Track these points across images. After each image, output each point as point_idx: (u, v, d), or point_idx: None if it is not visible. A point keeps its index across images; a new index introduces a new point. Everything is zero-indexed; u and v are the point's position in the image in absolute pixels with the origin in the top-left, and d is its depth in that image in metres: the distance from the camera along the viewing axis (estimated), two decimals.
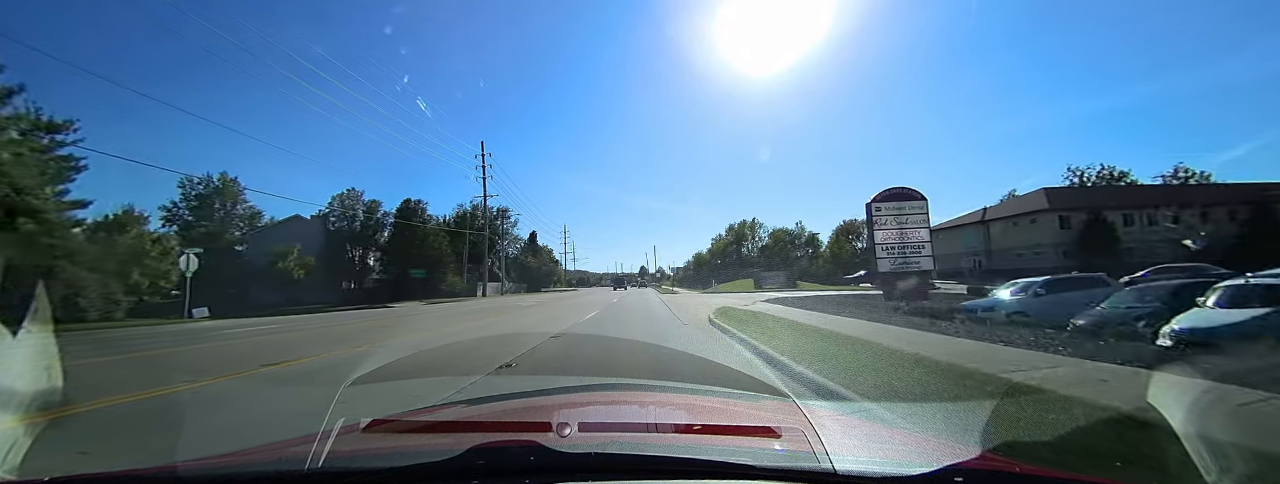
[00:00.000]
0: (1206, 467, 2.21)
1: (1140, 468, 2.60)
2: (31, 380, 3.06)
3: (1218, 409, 3.38)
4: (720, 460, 0.94)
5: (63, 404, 4.49)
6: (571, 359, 7.51)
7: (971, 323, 10.43)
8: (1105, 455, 2.83)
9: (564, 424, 1.25)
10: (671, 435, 1.39)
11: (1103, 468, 2.64)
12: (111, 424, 4.32)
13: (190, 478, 1.02)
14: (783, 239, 77.27)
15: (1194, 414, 2.84)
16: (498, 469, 0.95)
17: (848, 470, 0.91)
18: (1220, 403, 3.56)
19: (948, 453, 1.17)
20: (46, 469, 1.11)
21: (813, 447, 1.06)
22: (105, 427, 4.25)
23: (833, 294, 25.24)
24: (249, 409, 4.76)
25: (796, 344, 7.60)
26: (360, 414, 1.52)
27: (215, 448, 1.41)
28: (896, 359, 5.92)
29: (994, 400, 3.96)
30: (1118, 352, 6.05)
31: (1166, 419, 2.78)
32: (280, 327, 15.94)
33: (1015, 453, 2.72)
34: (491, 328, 13.18)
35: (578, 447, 1.05)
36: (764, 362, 6.85)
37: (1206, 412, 3.01)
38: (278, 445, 1.34)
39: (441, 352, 8.80)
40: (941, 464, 0.94)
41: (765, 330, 9.60)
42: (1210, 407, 3.29)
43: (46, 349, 3.90)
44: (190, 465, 1.11)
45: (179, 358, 9.02)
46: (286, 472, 1.02)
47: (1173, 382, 4.24)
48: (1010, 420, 3.43)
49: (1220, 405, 3.50)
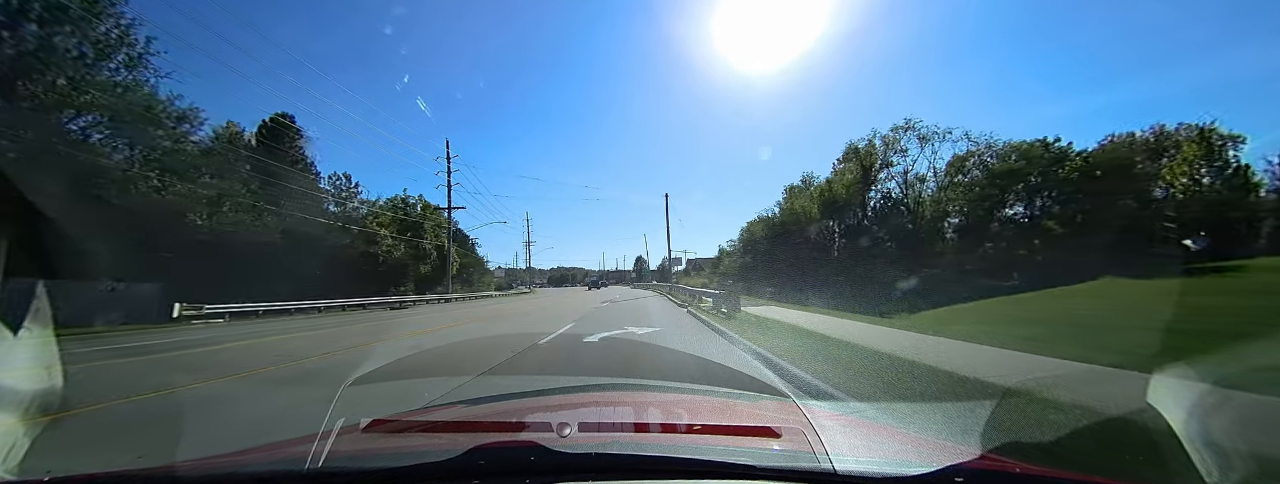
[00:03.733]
0: (1207, 467, 2.20)
1: (1140, 467, 2.60)
2: (32, 380, 3.06)
3: (1219, 410, 3.38)
4: (720, 460, 0.94)
5: (62, 404, 4.48)
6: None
7: None
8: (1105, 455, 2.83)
9: (564, 424, 1.25)
10: (671, 435, 1.38)
11: (1103, 467, 2.64)
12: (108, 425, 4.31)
13: (190, 478, 1.02)
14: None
15: (1195, 415, 2.83)
16: (498, 469, 0.95)
17: (848, 470, 0.91)
18: (1222, 404, 3.56)
19: (948, 453, 1.17)
20: (46, 469, 1.10)
21: (813, 447, 1.06)
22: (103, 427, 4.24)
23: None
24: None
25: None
26: (359, 414, 1.51)
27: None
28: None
29: (994, 400, 3.96)
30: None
31: (1166, 419, 2.78)
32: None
33: (1016, 453, 2.72)
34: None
35: (577, 447, 1.05)
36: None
37: (1208, 413, 3.01)
38: (278, 445, 1.34)
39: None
40: (941, 464, 0.94)
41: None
42: (1212, 408, 3.29)
43: (47, 349, 3.90)
44: (190, 465, 1.11)
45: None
46: (286, 472, 1.02)
47: (1172, 382, 4.23)
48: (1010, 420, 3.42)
49: (1222, 407, 3.49)
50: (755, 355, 7.02)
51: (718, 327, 10.67)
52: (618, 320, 13.18)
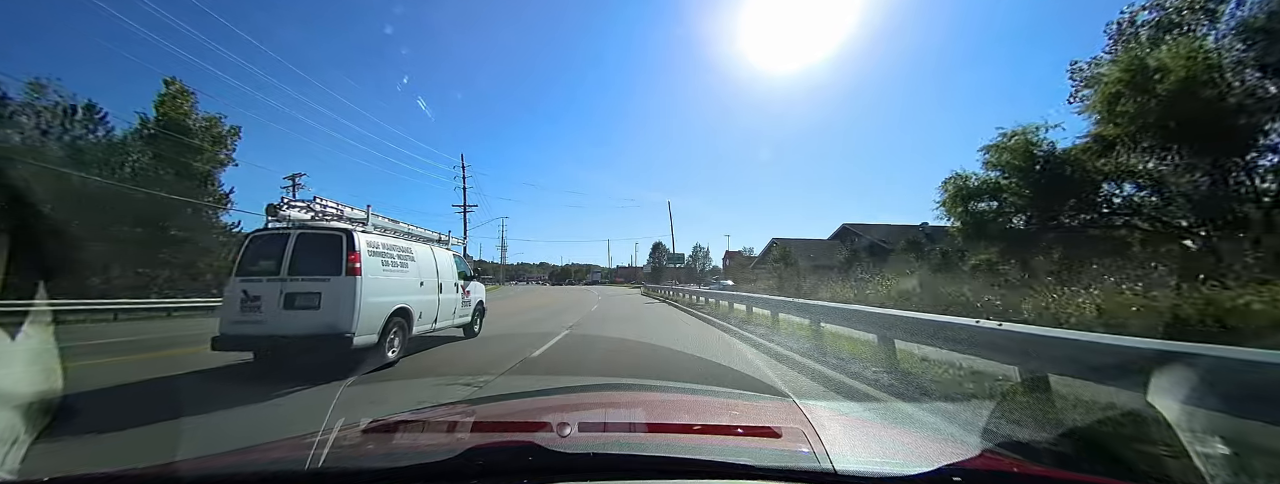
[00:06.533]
0: (1206, 465, 2.21)
1: (1141, 466, 2.60)
2: (32, 380, 3.07)
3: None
4: (720, 460, 0.94)
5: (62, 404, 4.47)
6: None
7: None
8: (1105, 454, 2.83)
9: (563, 424, 1.25)
10: (671, 435, 1.38)
11: (1102, 466, 2.64)
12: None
13: (190, 478, 1.02)
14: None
15: (1194, 413, 2.84)
16: (496, 469, 0.95)
17: (848, 470, 0.91)
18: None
19: (948, 452, 1.17)
20: (46, 469, 1.10)
21: (813, 447, 1.06)
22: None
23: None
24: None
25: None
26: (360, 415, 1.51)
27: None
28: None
29: (994, 400, 3.96)
30: None
31: (1166, 418, 2.78)
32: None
33: (1016, 452, 2.72)
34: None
35: (577, 447, 1.05)
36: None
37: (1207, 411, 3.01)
38: (277, 445, 1.34)
39: None
40: (941, 464, 0.94)
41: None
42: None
43: (47, 349, 3.91)
44: (190, 465, 1.11)
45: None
46: (286, 472, 1.02)
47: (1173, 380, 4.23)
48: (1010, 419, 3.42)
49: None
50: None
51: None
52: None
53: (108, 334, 11.52)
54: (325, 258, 6.31)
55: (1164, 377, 2.76)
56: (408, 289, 7.51)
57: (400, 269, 7.42)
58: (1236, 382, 2.55)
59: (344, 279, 6.24)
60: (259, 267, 6.39)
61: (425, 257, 8.41)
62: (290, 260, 6.32)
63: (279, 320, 6.13)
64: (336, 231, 6.58)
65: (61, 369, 3.50)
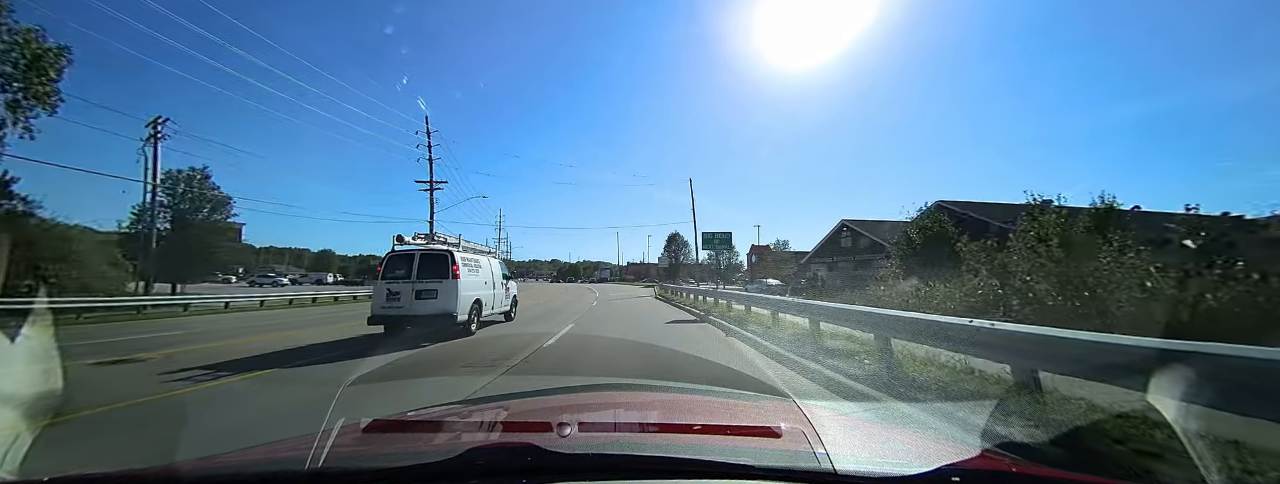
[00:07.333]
0: (1206, 465, 2.21)
1: (1140, 466, 2.60)
2: (31, 381, 3.07)
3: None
4: (720, 461, 0.94)
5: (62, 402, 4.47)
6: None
7: None
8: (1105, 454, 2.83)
9: (563, 424, 1.25)
10: (671, 435, 1.38)
11: (1102, 466, 2.64)
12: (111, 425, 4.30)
13: (190, 478, 1.02)
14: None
15: (1194, 413, 2.84)
16: (496, 469, 0.95)
17: (847, 470, 0.91)
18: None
19: (947, 452, 1.17)
20: (46, 469, 1.11)
21: (813, 447, 1.06)
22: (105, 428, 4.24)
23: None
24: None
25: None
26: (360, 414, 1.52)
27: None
28: None
29: (994, 399, 3.96)
30: None
31: (1166, 418, 2.78)
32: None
33: (1016, 452, 2.72)
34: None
35: (576, 447, 1.05)
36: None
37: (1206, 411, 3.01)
38: (277, 445, 1.34)
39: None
40: (940, 464, 0.94)
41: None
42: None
43: (46, 349, 3.91)
44: (190, 465, 1.11)
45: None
46: (286, 472, 1.02)
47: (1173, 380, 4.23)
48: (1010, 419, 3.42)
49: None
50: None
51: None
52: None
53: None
54: (438, 267, 10.22)
55: (1164, 376, 2.76)
56: (481, 286, 11.56)
57: (475, 273, 11.40)
58: (1235, 381, 2.55)
59: (450, 281, 10.16)
60: (396, 274, 10.30)
61: (487, 264, 12.54)
62: (418, 269, 10.23)
63: (412, 306, 10.03)
64: (444, 251, 10.58)
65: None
